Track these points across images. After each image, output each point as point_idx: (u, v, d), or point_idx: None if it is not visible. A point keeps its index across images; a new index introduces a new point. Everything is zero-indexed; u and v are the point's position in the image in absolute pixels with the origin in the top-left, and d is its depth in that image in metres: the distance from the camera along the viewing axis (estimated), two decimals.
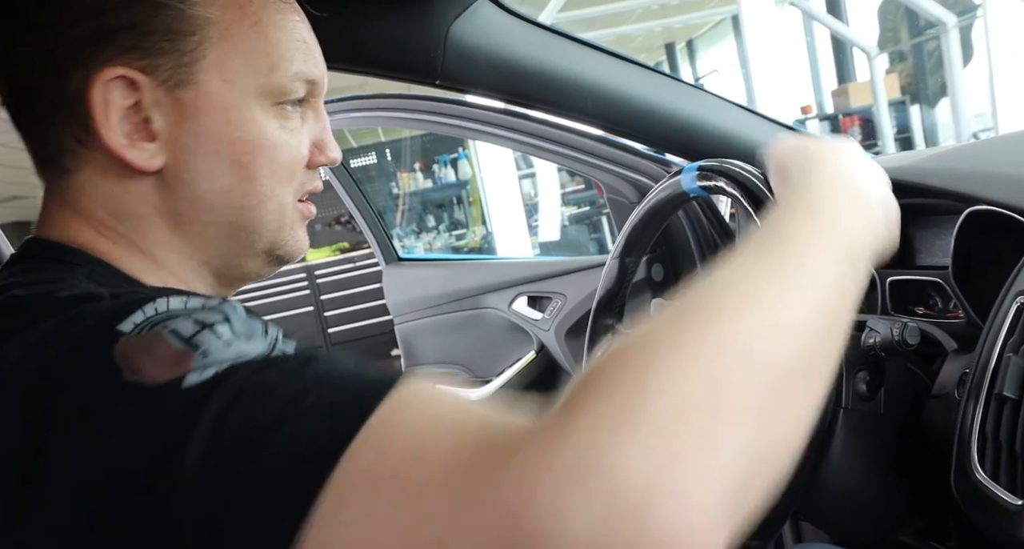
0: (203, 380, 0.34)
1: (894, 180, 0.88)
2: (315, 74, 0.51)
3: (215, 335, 0.36)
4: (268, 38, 0.48)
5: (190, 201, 0.48)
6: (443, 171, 5.90)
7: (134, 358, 0.34)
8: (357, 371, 0.36)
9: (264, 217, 0.50)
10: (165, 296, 0.38)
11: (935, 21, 4.59)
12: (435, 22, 0.93)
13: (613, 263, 0.90)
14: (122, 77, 0.45)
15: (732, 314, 0.34)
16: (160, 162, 0.47)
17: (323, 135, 0.53)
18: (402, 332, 1.80)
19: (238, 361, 0.35)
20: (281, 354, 0.36)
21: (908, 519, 0.80)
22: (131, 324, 0.36)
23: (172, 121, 0.46)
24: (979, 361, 0.66)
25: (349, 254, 5.84)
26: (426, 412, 0.33)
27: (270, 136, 0.49)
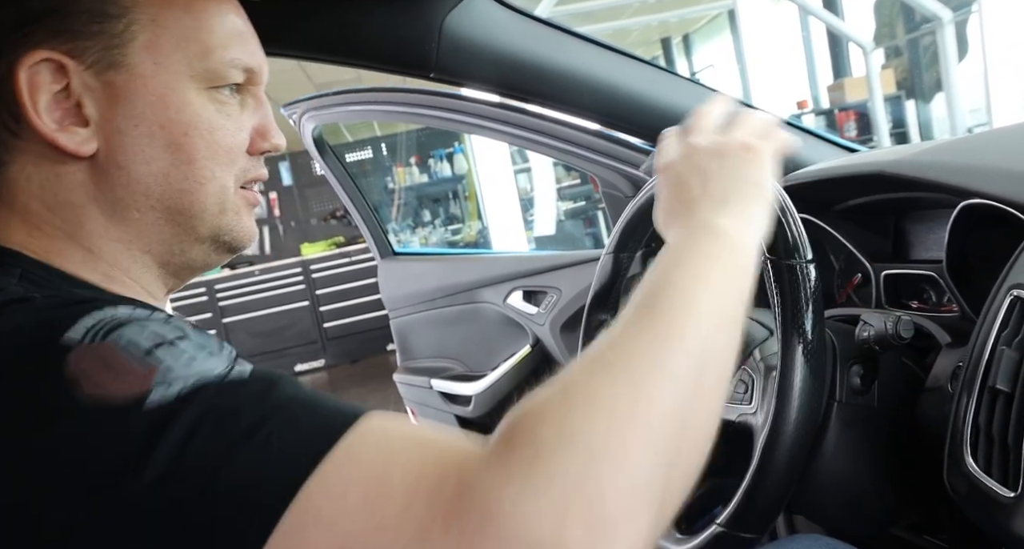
0: (167, 399, 0.33)
1: (889, 174, 0.88)
2: (252, 62, 0.51)
3: (173, 354, 0.35)
4: (200, 24, 0.48)
5: (126, 186, 0.47)
6: (439, 166, 5.89)
7: (92, 372, 0.34)
8: (320, 399, 0.36)
9: (204, 200, 0.49)
10: (112, 304, 0.37)
11: (931, 16, 4.59)
12: (430, 15, 0.93)
13: (608, 257, 0.90)
14: (49, 60, 0.44)
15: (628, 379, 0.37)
16: (93, 147, 0.46)
17: (265, 122, 0.53)
18: (397, 326, 1.79)
19: (200, 382, 0.34)
20: (243, 375, 0.36)
21: (901, 512, 0.80)
22: (79, 332, 0.35)
23: (104, 104, 0.46)
24: (972, 354, 0.66)
25: (344, 248, 5.83)
26: (389, 434, 0.34)
27: (207, 118, 0.48)
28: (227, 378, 0.35)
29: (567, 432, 0.33)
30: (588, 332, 0.93)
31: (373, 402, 4.38)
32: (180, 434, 0.32)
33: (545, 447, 0.33)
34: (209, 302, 5.55)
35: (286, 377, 0.37)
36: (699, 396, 0.39)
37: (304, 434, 0.34)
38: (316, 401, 0.36)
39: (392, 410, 1.73)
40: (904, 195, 0.91)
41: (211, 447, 0.32)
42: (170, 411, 0.33)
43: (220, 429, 0.33)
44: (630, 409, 0.35)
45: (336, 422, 0.34)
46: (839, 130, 5.42)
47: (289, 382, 0.37)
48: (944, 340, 0.81)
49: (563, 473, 0.32)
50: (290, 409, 0.35)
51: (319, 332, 5.79)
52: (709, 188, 0.55)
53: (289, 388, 0.36)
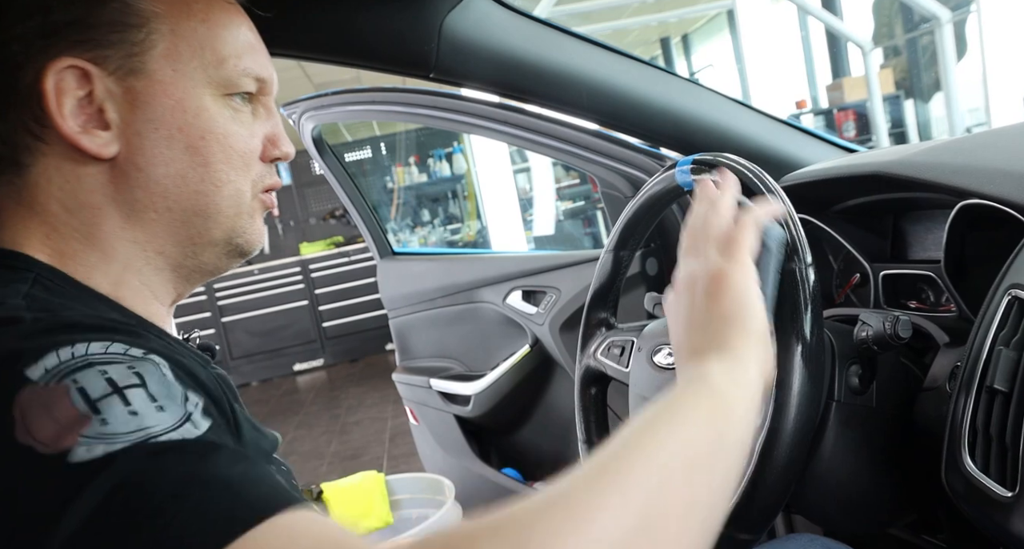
0: (90, 458, 0.33)
1: (887, 174, 0.88)
2: (264, 73, 0.54)
3: (123, 401, 0.35)
4: (216, 34, 0.51)
5: (144, 187, 0.49)
6: (438, 165, 5.89)
7: (31, 415, 0.34)
8: (246, 482, 0.34)
9: (220, 203, 0.51)
10: (85, 340, 0.37)
11: (929, 16, 4.59)
12: (429, 15, 0.93)
13: (607, 257, 0.90)
14: (74, 67, 0.47)
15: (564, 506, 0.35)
16: (114, 149, 0.48)
17: (276, 131, 0.55)
18: (396, 326, 1.79)
19: (134, 440, 0.34)
20: (182, 438, 0.35)
21: (900, 512, 0.80)
22: (42, 369, 0.35)
23: (125, 109, 0.48)
24: (970, 354, 0.66)
25: (343, 248, 5.83)
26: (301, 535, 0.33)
27: (222, 124, 0.51)
28: (160, 440, 0.34)
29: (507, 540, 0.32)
30: (587, 331, 0.93)
31: (372, 402, 4.38)
32: (94, 500, 0.32)
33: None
34: (208, 301, 5.55)
35: (226, 450, 0.36)
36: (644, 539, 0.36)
37: (207, 524, 0.32)
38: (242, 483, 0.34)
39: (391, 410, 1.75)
40: (902, 195, 0.91)
41: (122, 517, 0.32)
42: (90, 472, 0.33)
43: (135, 499, 0.32)
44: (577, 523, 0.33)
45: (245, 515, 0.33)
46: (838, 130, 5.42)
47: (225, 457, 0.35)
48: (942, 340, 0.81)
49: None
50: (207, 491, 0.33)
51: (318, 331, 5.78)
52: (691, 337, 0.54)
53: (222, 464, 0.35)
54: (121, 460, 0.33)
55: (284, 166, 6.02)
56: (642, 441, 0.41)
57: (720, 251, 0.57)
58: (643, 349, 0.84)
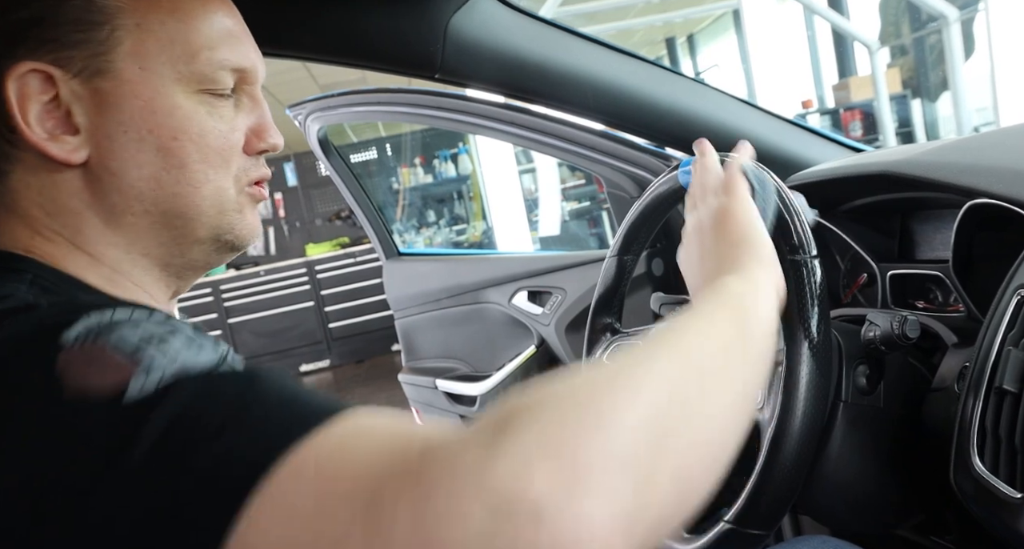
0: (144, 392, 0.33)
1: (895, 174, 0.88)
2: (244, 62, 0.51)
3: (160, 350, 0.35)
4: (186, 26, 0.48)
5: (119, 191, 0.48)
6: (443, 166, 5.89)
7: (75, 372, 0.34)
8: (300, 394, 0.36)
9: (200, 203, 0.49)
10: (111, 307, 0.38)
11: (937, 15, 4.57)
12: (435, 16, 0.93)
13: (612, 260, 0.90)
14: (36, 71, 0.45)
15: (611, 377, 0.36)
16: (84, 154, 0.47)
17: (262, 121, 0.53)
18: (402, 327, 1.80)
19: (182, 374, 0.34)
20: (226, 369, 0.36)
21: (907, 513, 0.80)
22: (74, 335, 0.36)
23: (93, 112, 0.46)
24: (979, 354, 0.66)
25: (349, 249, 5.84)
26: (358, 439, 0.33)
27: (196, 122, 0.48)
28: (209, 370, 0.35)
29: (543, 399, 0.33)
30: (592, 335, 0.93)
31: (378, 402, 4.39)
32: (157, 428, 0.32)
33: (518, 413, 0.32)
34: (214, 302, 5.56)
35: (274, 371, 0.37)
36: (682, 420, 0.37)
37: (274, 430, 0.33)
38: (294, 397, 0.35)
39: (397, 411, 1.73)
40: (910, 195, 0.91)
41: (184, 442, 0.32)
42: (148, 404, 0.33)
43: (194, 424, 0.33)
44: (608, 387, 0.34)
45: (309, 419, 0.34)
46: (844, 130, 5.40)
47: (273, 377, 0.36)
48: (950, 340, 0.81)
49: (537, 429, 0.31)
50: (264, 405, 0.34)
51: (324, 332, 5.80)
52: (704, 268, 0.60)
53: (270, 383, 0.36)
54: (175, 391, 0.34)
55: (290, 167, 6.04)
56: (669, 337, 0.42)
57: (719, 194, 0.63)
58: None
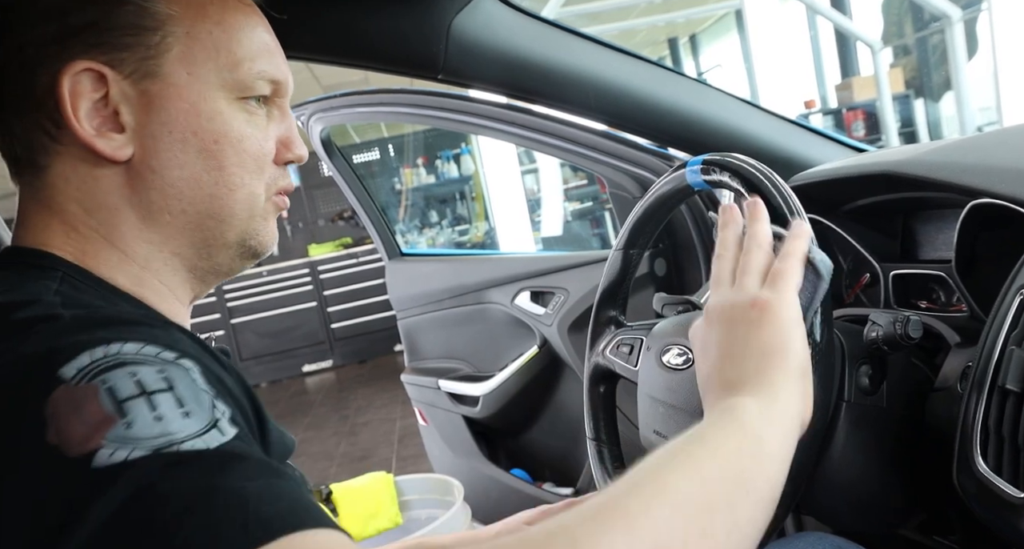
0: (111, 463, 0.33)
1: (897, 174, 0.88)
2: (279, 75, 0.53)
3: (150, 405, 0.35)
4: (231, 37, 0.51)
5: (159, 190, 0.49)
6: (446, 166, 5.90)
7: (61, 416, 0.34)
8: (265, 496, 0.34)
9: (234, 206, 0.51)
10: (120, 340, 0.37)
11: (940, 14, 4.57)
12: (437, 16, 0.93)
13: (616, 257, 0.90)
14: (89, 70, 0.47)
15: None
16: (129, 152, 0.48)
17: (289, 133, 0.55)
18: (405, 327, 1.80)
19: (155, 447, 0.34)
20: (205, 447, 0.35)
21: (910, 512, 0.80)
22: (74, 369, 0.36)
23: (140, 112, 0.48)
24: (982, 354, 0.66)
25: (352, 249, 5.85)
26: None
27: (236, 128, 0.51)
28: (183, 448, 0.34)
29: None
30: (596, 329, 0.93)
31: (380, 403, 4.39)
32: (111, 505, 0.32)
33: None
34: (218, 303, 5.57)
35: (252, 461, 0.35)
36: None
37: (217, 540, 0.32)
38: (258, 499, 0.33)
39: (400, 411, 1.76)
40: (913, 195, 0.91)
41: (129, 530, 0.32)
42: (110, 477, 0.33)
43: (143, 513, 0.32)
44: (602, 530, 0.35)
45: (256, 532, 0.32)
46: (847, 130, 5.40)
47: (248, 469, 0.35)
48: (953, 340, 0.80)
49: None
50: (221, 506, 0.33)
51: (327, 333, 5.80)
52: (724, 369, 0.52)
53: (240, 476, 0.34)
54: (140, 466, 0.33)
55: (292, 168, 6.04)
56: (660, 476, 0.40)
57: (763, 282, 0.54)
58: (652, 348, 0.84)
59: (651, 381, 0.84)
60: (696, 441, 0.44)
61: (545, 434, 1.68)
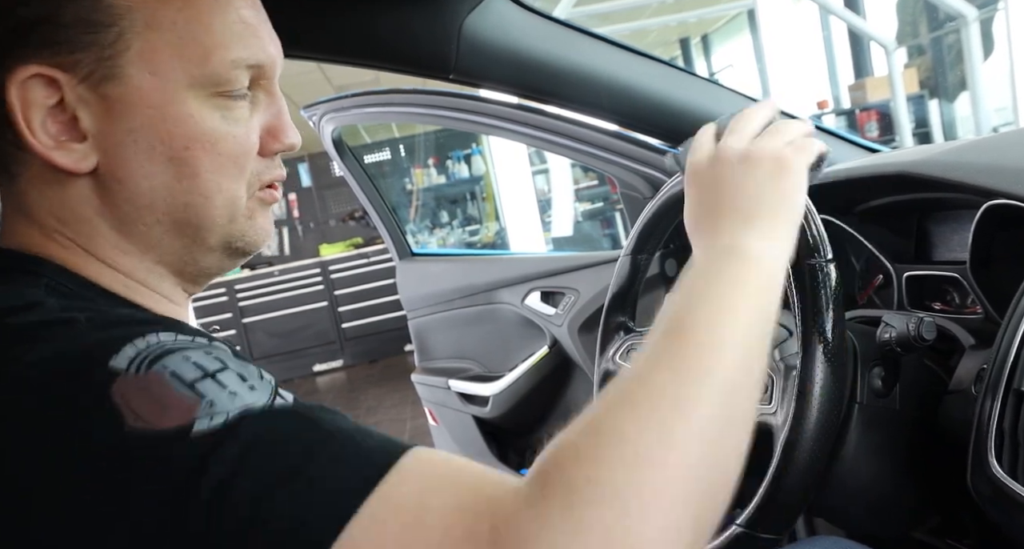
0: (212, 428, 0.33)
1: (912, 174, 0.87)
2: (260, 58, 0.47)
3: (218, 384, 0.35)
4: (199, 24, 0.45)
5: (129, 201, 0.45)
6: (457, 167, 5.90)
7: (137, 402, 0.34)
8: (361, 434, 0.36)
9: (212, 213, 0.47)
10: (154, 331, 0.37)
11: (955, 14, 4.53)
12: (449, 16, 0.93)
13: (625, 259, 0.90)
14: (39, 75, 0.42)
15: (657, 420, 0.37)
16: (92, 162, 0.44)
17: (277, 120, 0.49)
18: (415, 327, 1.80)
19: (246, 412, 0.35)
20: (285, 407, 0.36)
21: (923, 516, 0.79)
22: (125, 360, 0.35)
23: (101, 118, 0.44)
24: (997, 357, 0.65)
25: (363, 249, 5.87)
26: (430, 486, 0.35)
27: (210, 129, 0.45)
28: (270, 409, 0.36)
29: (600, 478, 0.34)
30: (606, 335, 0.93)
31: (391, 402, 4.40)
32: (226, 463, 0.33)
33: (579, 494, 0.34)
34: (229, 302, 5.60)
35: (327, 409, 0.37)
36: (727, 431, 0.39)
37: (345, 473, 0.34)
38: (357, 436, 0.36)
39: (410, 411, 1.76)
40: (927, 196, 0.90)
41: (256, 480, 0.32)
42: (216, 439, 0.33)
43: (265, 461, 0.33)
44: (660, 453, 0.35)
45: (377, 460, 0.35)
46: (860, 130, 5.36)
47: (330, 414, 0.37)
48: (968, 342, 0.80)
49: (597, 520, 0.33)
50: (332, 444, 0.35)
51: (337, 332, 5.82)
52: (737, 202, 0.53)
53: (331, 420, 0.36)
54: (241, 425, 0.34)
55: (304, 168, 6.07)
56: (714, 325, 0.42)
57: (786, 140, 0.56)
58: None
59: None
60: (730, 285, 0.46)
61: (555, 435, 1.68)
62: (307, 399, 0.39)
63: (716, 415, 0.38)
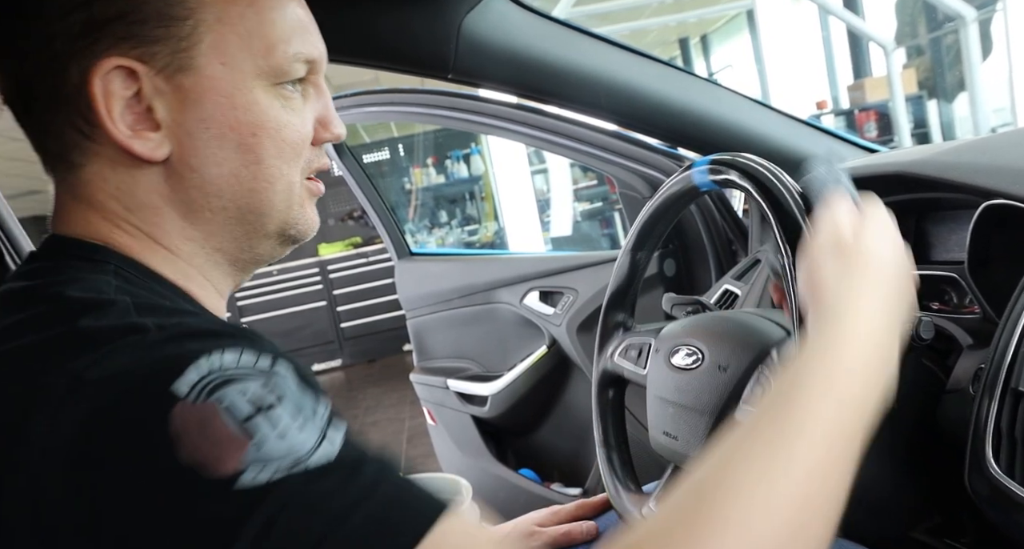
0: (255, 484, 0.33)
1: (910, 174, 0.87)
2: (313, 53, 0.51)
3: (270, 423, 0.35)
4: (264, 19, 0.48)
5: (199, 188, 0.48)
6: (455, 166, 5.90)
7: (190, 435, 0.34)
8: (401, 492, 0.36)
9: (273, 198, 0.50)
10: (220, 348, 0.37)
11: (954, 15, 4.53)
12: (448, 16, 0.93)
13: (624, 259, 0.90)
14: (120, 67, 0.44)
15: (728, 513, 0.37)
16: (166, 151, 0.46)
17: (326, 112, 0.53)
18: (414, 327, 1.80)
19: (291, 468, 0.35)
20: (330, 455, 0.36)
21: (922, 515, 0.79)
22: (186, 385, 0.35)
23: (175, 108, 0.46)
24: (995, 356, 0.65)
25: (362, 249, 5.87)
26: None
27: (274, 117, 0.48)
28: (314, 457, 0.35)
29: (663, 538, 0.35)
30: (605, 332, 0.93)
31: (389, 402, 4.40)
32: (260, 523, 0.33)
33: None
34: (228, 302, 5.57)
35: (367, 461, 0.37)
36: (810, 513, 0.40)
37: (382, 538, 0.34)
38: (394, 497, 0.36)
39: (408, 411, 1.76)
40: (925, 196, 0.90)
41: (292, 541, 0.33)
42: (258, 494, 0.33)
43: (298, 526, 0.33)
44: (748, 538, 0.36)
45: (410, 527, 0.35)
46: (859, 131, 5.37)
47: (370, 470, 0.37)
48: (966, 342, 0.80)
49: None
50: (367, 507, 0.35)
51: (336, 332, 5.82)
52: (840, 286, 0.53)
53: (373, 473, 0.36)
54: (285, 484, 0.34)
55: None
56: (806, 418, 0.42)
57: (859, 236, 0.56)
58: (660, 351, 0.84)
59: (660, 382, 0.83)
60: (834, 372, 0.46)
61: (553, 434, 1.68)
62: None
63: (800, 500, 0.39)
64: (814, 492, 0.40)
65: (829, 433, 0.43)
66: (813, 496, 0.40)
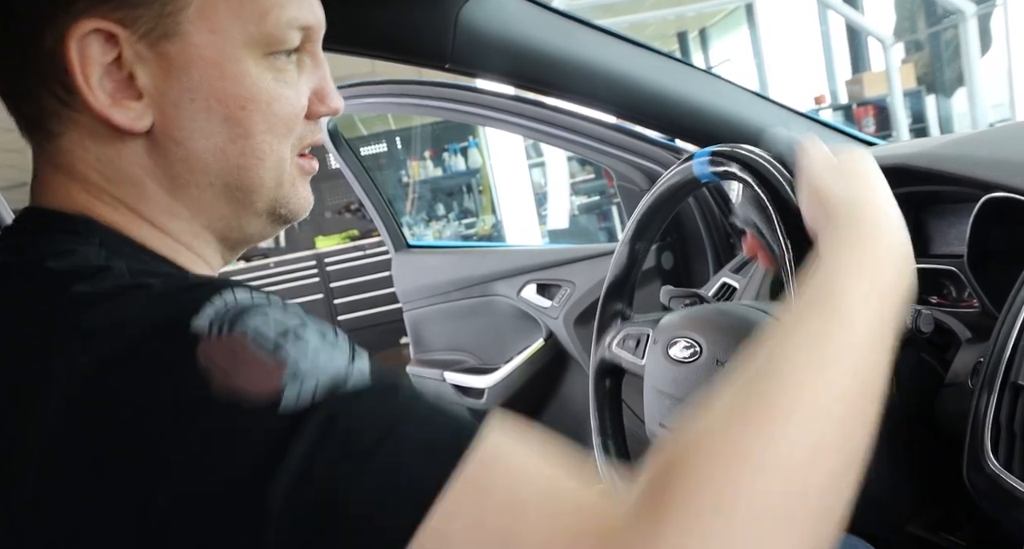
0: (299, 404, 0.33)
1: (909, 167, 0.87)
2: (310, 19, 0.47)
3: (301, 344, 0.35)
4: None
5: (184, 162, 0.45)
6: (453, 159, 5.89)
7: (222, 366, 0.33)
8: (439, 407, 0.36)
9: (263, 175, 0.47)
10: (229, 288, 0.36)
11: (953, 10, 4.52)
12: (445, 5, 0.92)
13: (623, 249, 0.89)
14: (99, 30, 0.41)
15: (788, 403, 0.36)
16: (148, 122, 0.43)
17: (323, 83, 0.49)
18: (411, 319, 1.80)
19: (331, 384, 0.34)
20: (364, 374, 0.35)
21: (919, 509, 0.79)
22: (206, 320, 0.34)
23: (158, 76, 0.43)
24: (994, 350, 0.65)
25: (359, 242, 5.86)
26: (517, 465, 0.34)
27: (265, 89, 0.45)
28: (351, 376, 0.35)
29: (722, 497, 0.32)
30: (603, 321, 0.93)
31: None
32: (310, 441, 0.32)
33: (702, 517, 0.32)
34: None
35: (403, 377, 0.37)
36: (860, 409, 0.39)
37: (430, 451, 0.33)
38: (436, 409, 0.35)
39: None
40: (924, 189, 0.90)
41: (339, 459, 0.32)
42: (302, 415, 0.32)
43: (348, 439, 0.32)
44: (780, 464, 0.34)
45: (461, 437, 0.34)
46: (857, 125, 5.36)
47: (407, 384, 0.36)
48: (964, 335, 0.80)
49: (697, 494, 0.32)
50: (413, 419, 0.34)
51: (333, 325, 5.82)
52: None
53: (409, 392, 0.36)
54: (326, 399, 0.33)
55: None
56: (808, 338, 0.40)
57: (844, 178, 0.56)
58: (658, 341, 0.84)
59: (657, 374, 0.83)
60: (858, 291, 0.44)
61: (550, 427, 1.68)
62: None
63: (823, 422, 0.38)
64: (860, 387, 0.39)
65: (871, 324, 0.42)
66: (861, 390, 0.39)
